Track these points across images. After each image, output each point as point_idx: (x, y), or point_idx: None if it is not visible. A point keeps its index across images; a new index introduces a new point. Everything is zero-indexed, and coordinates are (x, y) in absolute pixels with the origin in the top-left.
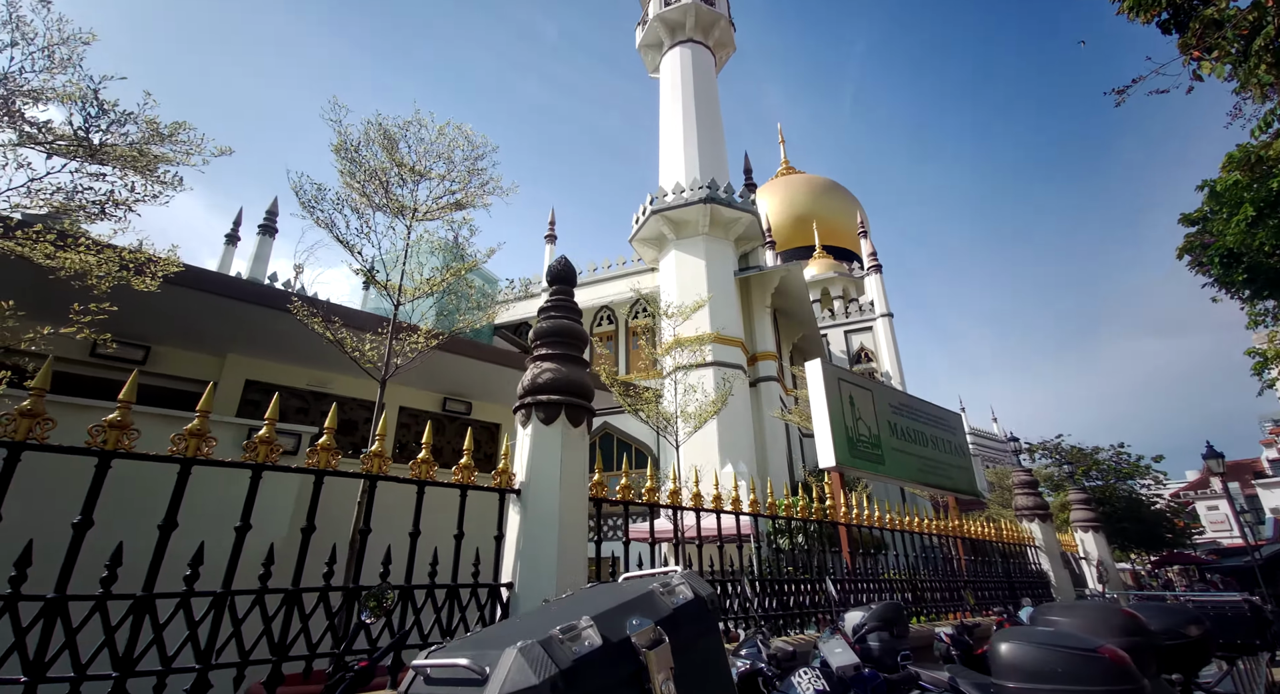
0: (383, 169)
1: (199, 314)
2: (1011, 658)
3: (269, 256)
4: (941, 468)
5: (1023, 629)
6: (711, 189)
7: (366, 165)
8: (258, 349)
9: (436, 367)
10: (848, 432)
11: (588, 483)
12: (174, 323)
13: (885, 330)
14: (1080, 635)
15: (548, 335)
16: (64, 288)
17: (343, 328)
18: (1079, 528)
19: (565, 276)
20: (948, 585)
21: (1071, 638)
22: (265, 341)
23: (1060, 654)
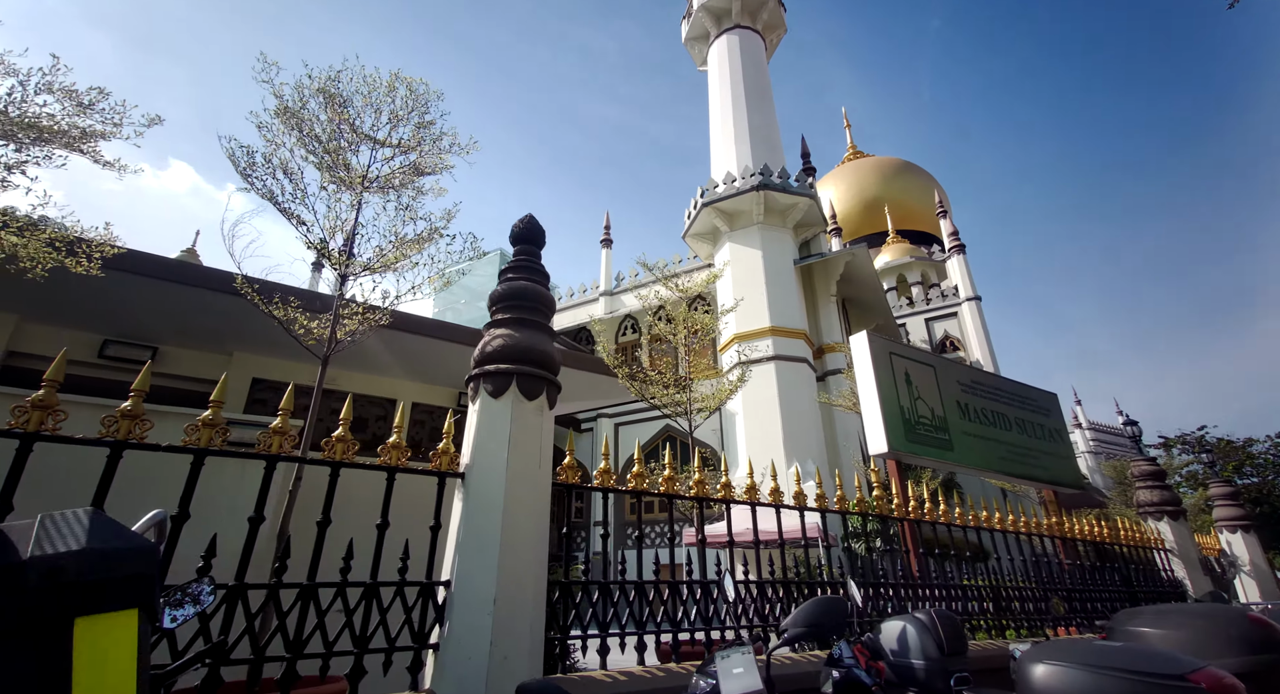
0: (330, 134)
1: (198, 311)
2: (1048, 687)
3: None
4: (1031, 455)
5: (1073, 644)
6: (764, 175)
7: (311, 129)
8: (263, 347)
9: (447, 359)
10: (904, 413)
11: (549, 465)
12: (176, 321)
13: (973, 315)
14: (1169, 654)
15: (502, 299)
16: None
17: (298, 309)
18: (1223, 527)
19: (528, 236)
20: (1044, 594)
21: (1151, 658)
22: (268, 338)
23: (1124, 683)
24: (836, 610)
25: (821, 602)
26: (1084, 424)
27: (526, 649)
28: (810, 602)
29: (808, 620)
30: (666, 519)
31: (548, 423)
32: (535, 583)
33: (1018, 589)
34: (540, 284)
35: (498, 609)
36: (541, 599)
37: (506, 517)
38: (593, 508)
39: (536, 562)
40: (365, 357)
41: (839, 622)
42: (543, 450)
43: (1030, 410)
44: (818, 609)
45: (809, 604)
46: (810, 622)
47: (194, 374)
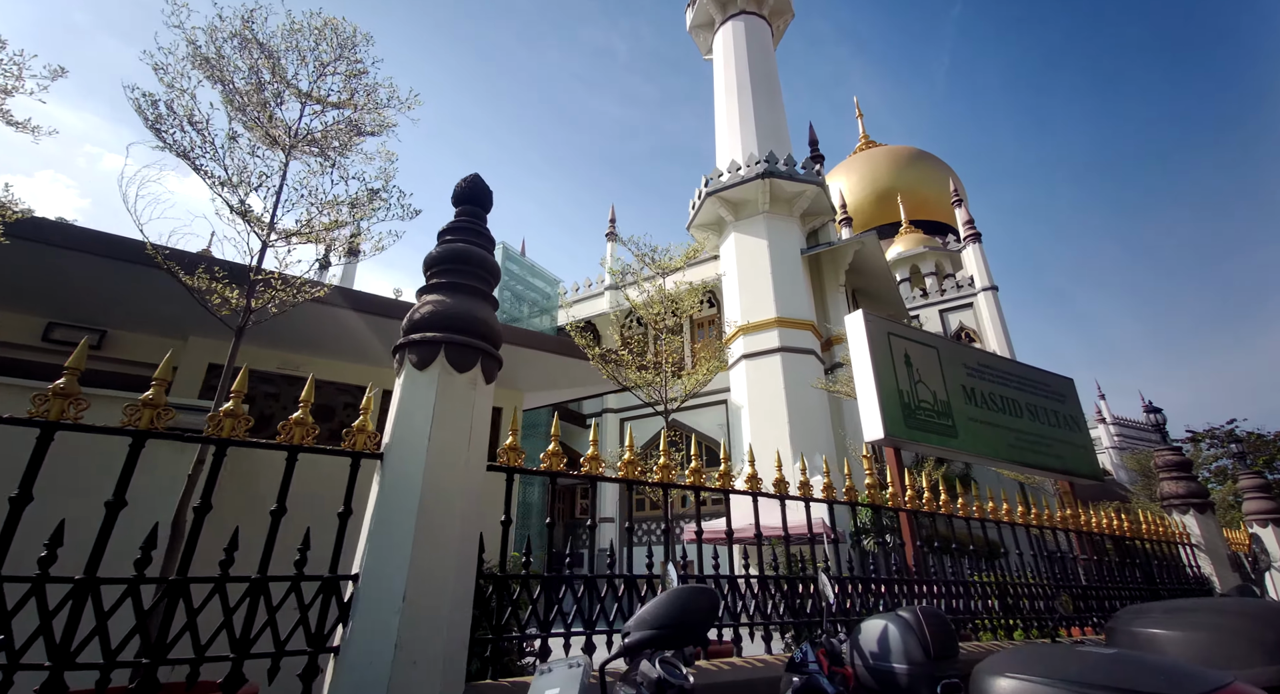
0: (253, 87)
1: (138, 291)
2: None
3: (354, 279)
4: (1043, 443)
5: (1048, 651)
6: (769, 163)
7: (228, 77)
8: (220, 331)
9: None
10: (902, 397)
11: (484, 446)
12: (122, 303)
13: (989, 306)
14: (1178, 665)
15: (438, 262)
16: None
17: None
18: (1254, 521)
19: (471, 196)
20: (1053, 592)
21: (1154, 671)
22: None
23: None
24: (697, 606)
25: (677, 595)
26: (1108, 419)
27: (442, 653)
28: (664, 595)
29: (657, 620)
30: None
31: (483, 399)
32: (458, 577)
33: (1028, 587)
34: (482, 248)
35: (408, 607)
36: (467, 596)
37: (425, 502)
38: (600, 503)
39: (461, 553)
40: (331, 340)
41: (701, 621)
42: (475, 429)
43: (1043, 396)
44: (672, 606)
45: (660, 598)
46: (660, 622)
47: (146, 359)
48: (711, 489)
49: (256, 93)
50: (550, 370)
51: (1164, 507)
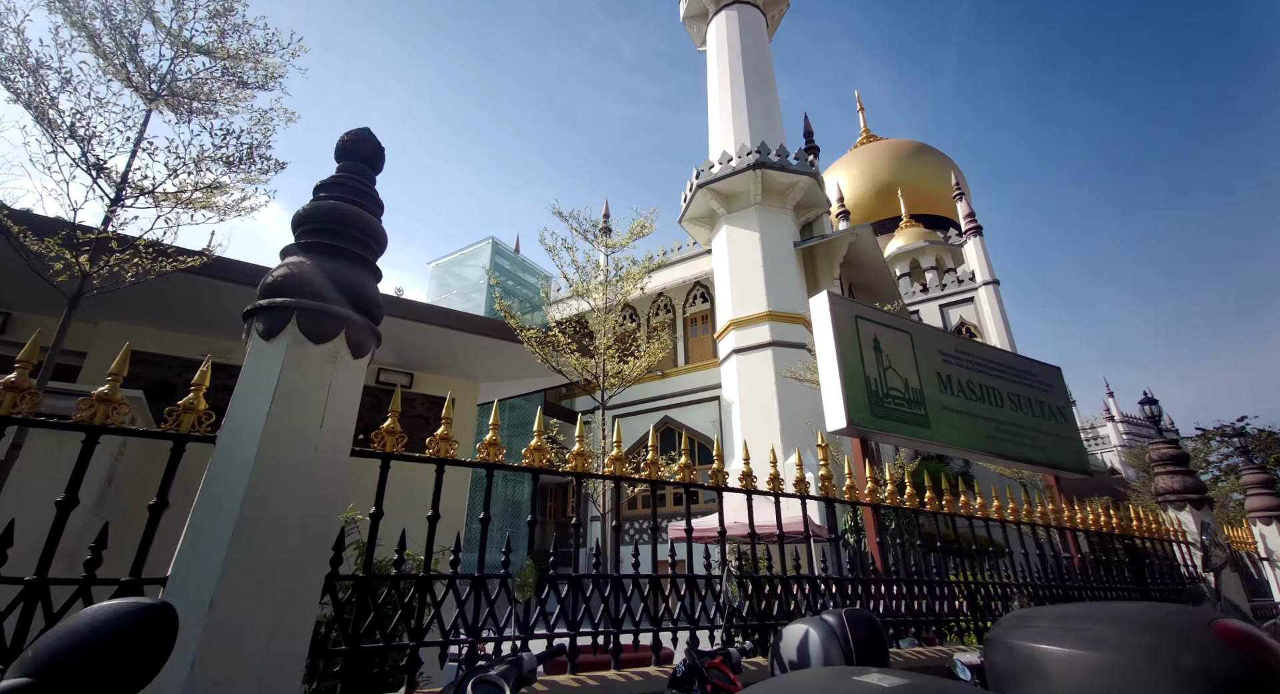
0: (114, 28)
1: None
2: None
3: None
4: (1026, 435)
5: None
6: (761, 153)
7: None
8: (136, 315)
9: (404, 338)
10: (869, 384)
11: (348, 430)
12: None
13: (990, 300)
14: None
15: (305, 221)
16: None
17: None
18: (1258, 519)
19: (355, 151)
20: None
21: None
22: (139, 306)
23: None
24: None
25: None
26: (1117, 417)
27: (259, 670)
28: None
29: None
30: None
31: (349, 375)
32: (294, 579)
33: (1001, 586)
34: (363, 208)
35: (215, 615)
36: (307, 601)
37: (253, 492)
38: (588, 503)
39: (299, 551)
40: None
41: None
42: (336, 409)
43: (1027, 385)
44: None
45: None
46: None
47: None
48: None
49: (113, 33)
50: (492, 357)
51: (1159, 502)
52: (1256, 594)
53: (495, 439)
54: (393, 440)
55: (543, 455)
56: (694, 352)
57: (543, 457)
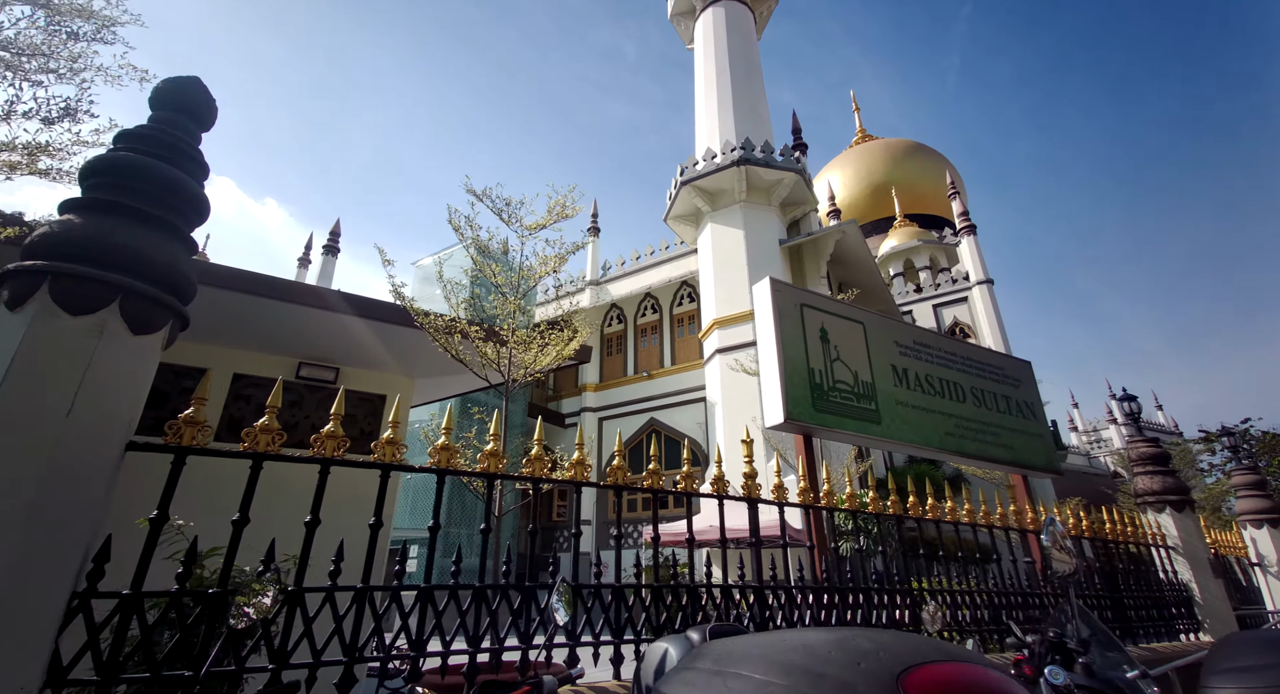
0: None
1: None
2: None
3: (333, 274)
4: (989, 432)
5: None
6: (746, 150)
7: None
8: None
9: (273, 321)
10: (813, 376)
11: (120, 419)
12: None
13: (984, 299)
14: None
15: (89, 175)
16: None
17: None
18: (1248, 522)
19: (174, 101)
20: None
21: None
22: None
23: None
24: None
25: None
26: (1120, 420)
27: None
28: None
29: None
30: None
31: (124, 354)
32: (14, 594)
33: (953, 594)
34: (173, 165)
35: None
36: (33, 625)
37: None
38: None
39: (30, 561)
40: None
41: None
42: (93, 391)
43: (993, 380)
44: None
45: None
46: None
47: None
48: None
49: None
50: (417, 350)
51: (1138, 504)
52: (1246, 602)
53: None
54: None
55: (450, 455)
56: (681, 352)
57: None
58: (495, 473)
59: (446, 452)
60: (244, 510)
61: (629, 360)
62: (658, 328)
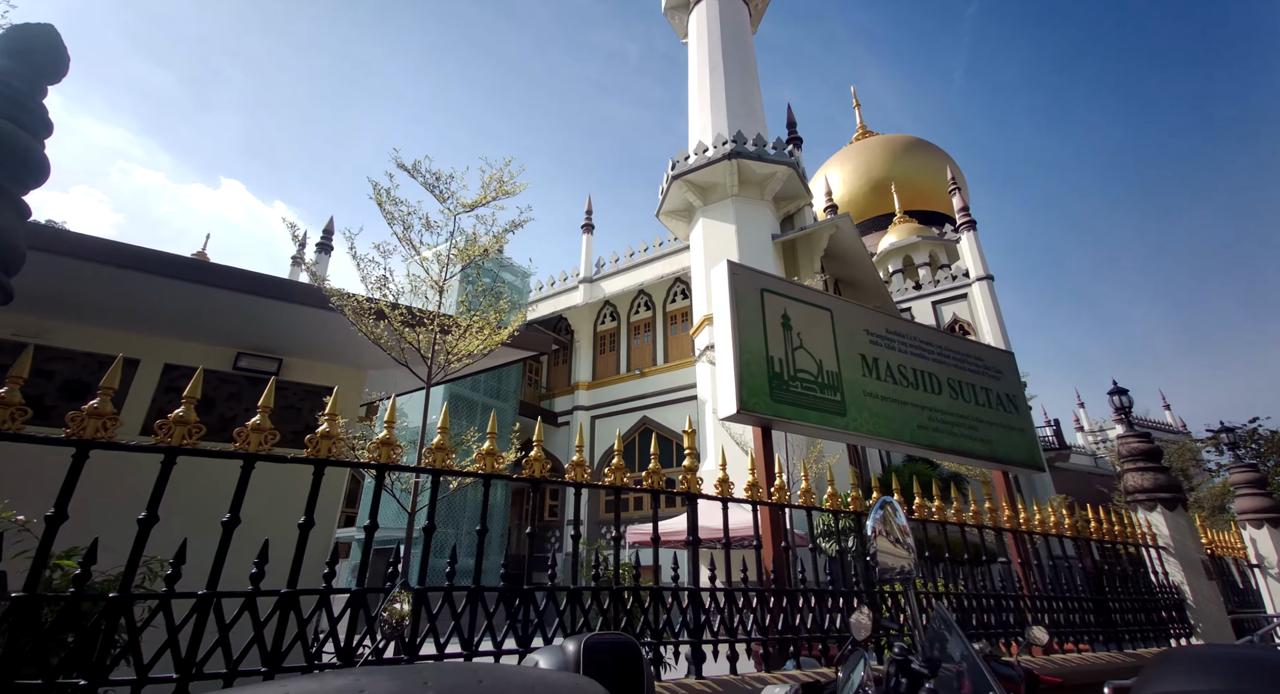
0: None
1: None
2: None
3: (325, 271)
4: (966, 426)
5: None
6: (737, 143)
7: None
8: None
9: (209, 307)
10: (771, 365)
11: None
12: None
13: (984, 296)
14: None
15: None
16: None
17: None
18: (1248, 521)
19: (18, 48)
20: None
21: None
22: None
23: None
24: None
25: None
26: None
27: None
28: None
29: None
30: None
31: None
32: None
33: (923, 596)
34: (6, 118)
35: None
36: None
37: None
38: (566, 506)
39: None
40: (91, 304)
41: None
42: None
43: (972, 371)
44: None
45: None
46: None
47: None
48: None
49: None
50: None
51: (1128, 502)
52: (1245, 605)
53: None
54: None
55: (390, 450)
56: (674, 350)
57: (390, 452)
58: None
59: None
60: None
61: (622, 358)
62: (651, 325)
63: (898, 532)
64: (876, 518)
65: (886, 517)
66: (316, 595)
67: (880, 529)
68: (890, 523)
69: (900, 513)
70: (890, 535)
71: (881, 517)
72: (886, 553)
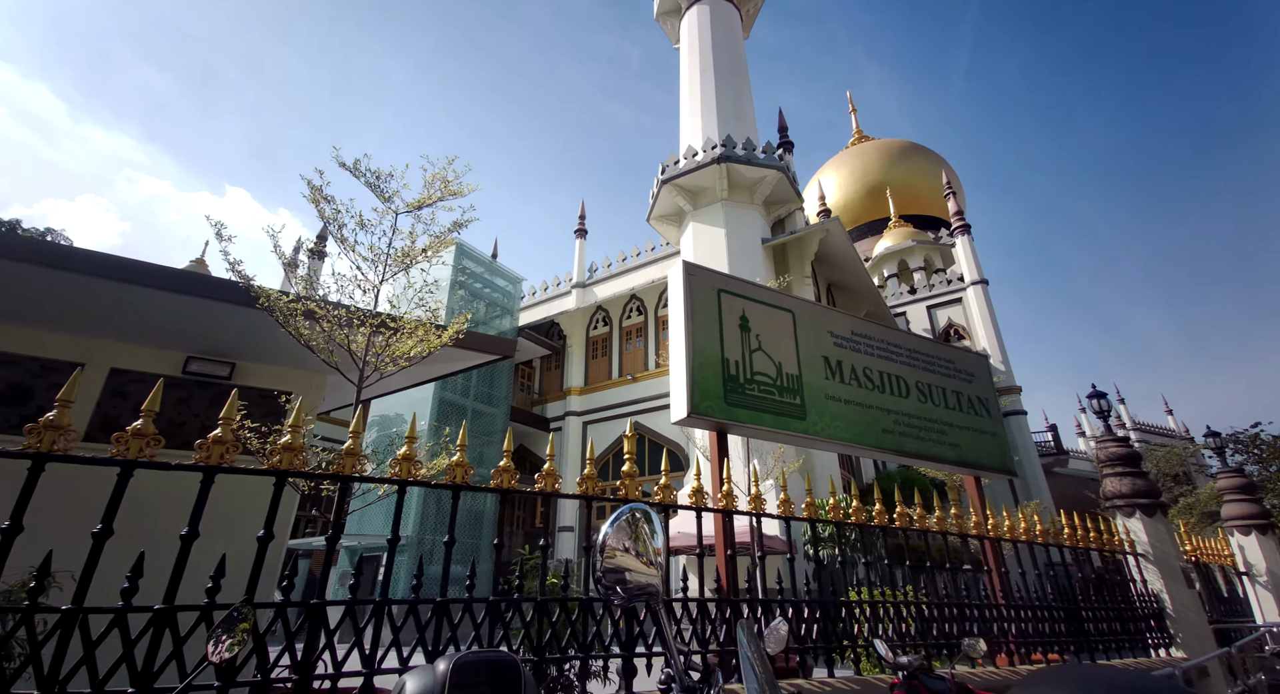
0: None
1: None
2: None
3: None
4: (934, 430)
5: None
6: (726, 147)
7: None
8: None
9: (164, 312)
10: (727, 367)
11: None
12: None
13: (979, 300)
14: None
15: None
16: None
17: None
18: (1235, 528)
19: None
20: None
21: None
22: None
23: None
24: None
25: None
26: (1128, 424)
27: None
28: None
29: None
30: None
31: None
32: None
33: (871, 605)
34: None
35: None
36: None
37: None
38: (559, 514)
39: None
40: (32, 306)
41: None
42: None
43: (943, 374)
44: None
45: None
46: None
47: None
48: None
49: None
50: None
51: (1107, 508)
52: (1232, 614)
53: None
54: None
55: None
56: (666, 355)
57: (354, 463)
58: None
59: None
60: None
61: (613, 363)
62: (643, 330)
63: (647, 545)
64: (616, 527)
65: (633, 528)
66: (197, 610)
67: (622, 542)
68: (639, 535)
69: (656, 521)
70: (636, 550)
71: (624, 527)
72: (629, 570)
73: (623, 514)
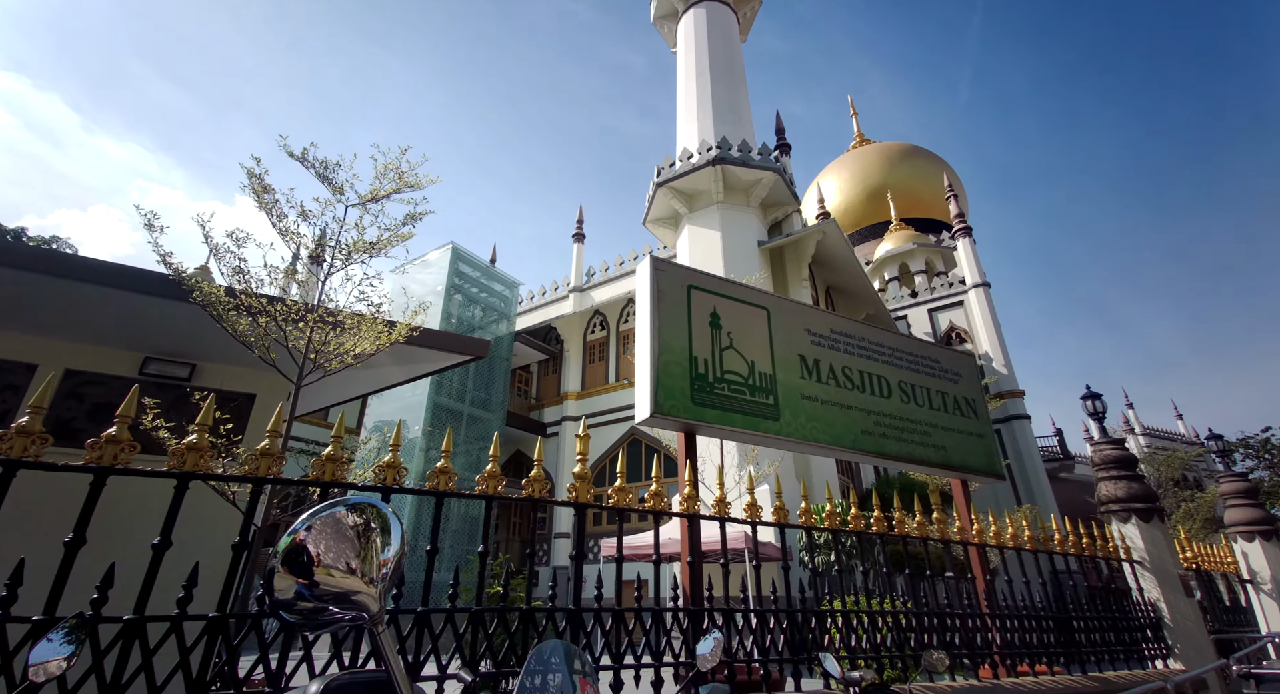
0: None
1: None
2: None
3: None
4: (917, 431)
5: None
6: (722, 149)
7: None
8: None
9: (125, 310)
10: (695, 365)
11: None
12: None
13: (980, 303)
14: None
15: None
16: None
17: None
18: (1239, 534)
19: None
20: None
21: None
22: None
23: None
24: None
25: None
26: (1138, 429)
27: None
28: None
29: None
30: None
31: None
32: None
33: (847, 614)
34: None
35: None
36: None
37: None
38: (555, 519)
39: None
40: None
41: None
42: None
43: (927, 374)
44: None
45: None
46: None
47: None
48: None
49: None
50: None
51: (1102, 513)
52: (1235, 623)
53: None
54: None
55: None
56: None
57: (335, 468)
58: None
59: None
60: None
61: (611, 367)
62: (630, 337)
63: (360, 554)
64: (310, 528)
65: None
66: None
67: (323, 548)
68: (346, 538)
69: (393, 521)
70: (342, 559)
71: (321, 528)
72: (329, 584)
73: (313, 516)
